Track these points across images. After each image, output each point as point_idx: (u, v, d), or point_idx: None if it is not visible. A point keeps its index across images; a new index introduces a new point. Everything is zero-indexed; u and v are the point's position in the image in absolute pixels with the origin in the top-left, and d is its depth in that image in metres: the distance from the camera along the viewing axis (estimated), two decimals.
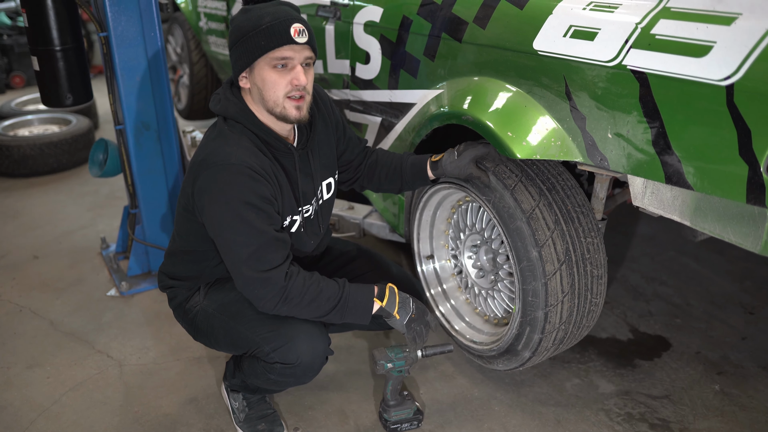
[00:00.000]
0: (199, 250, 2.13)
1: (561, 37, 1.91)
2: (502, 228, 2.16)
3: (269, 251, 1.88)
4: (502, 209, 2.14)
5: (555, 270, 2.09)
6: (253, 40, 1.88)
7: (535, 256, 2.08)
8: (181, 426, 2.35)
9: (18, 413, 2.42)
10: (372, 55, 2.74)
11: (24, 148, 4.62)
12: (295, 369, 2.01)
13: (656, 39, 1.67)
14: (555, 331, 2.18)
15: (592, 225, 2.17)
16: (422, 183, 2.33)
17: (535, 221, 2.08)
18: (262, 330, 2.02)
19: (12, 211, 4.19)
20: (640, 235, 3.69)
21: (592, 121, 1.87)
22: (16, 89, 7.27)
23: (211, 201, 1.89)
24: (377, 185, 2.40)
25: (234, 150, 1.90)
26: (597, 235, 2.18)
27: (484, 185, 2.17)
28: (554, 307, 2.12)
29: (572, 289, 2.13)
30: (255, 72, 1.92)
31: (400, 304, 2.08)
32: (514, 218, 2.11)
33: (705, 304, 3.04)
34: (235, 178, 1.86)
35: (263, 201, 1.89)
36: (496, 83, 2.15)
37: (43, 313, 3.05)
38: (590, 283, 2.17)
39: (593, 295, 2.20)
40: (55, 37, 2.87)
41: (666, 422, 2.33)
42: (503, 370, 2.43)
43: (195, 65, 5.09)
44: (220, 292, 2.16)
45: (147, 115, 2.99)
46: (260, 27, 1.87)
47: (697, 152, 1.63)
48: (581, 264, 2.13)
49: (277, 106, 1.93)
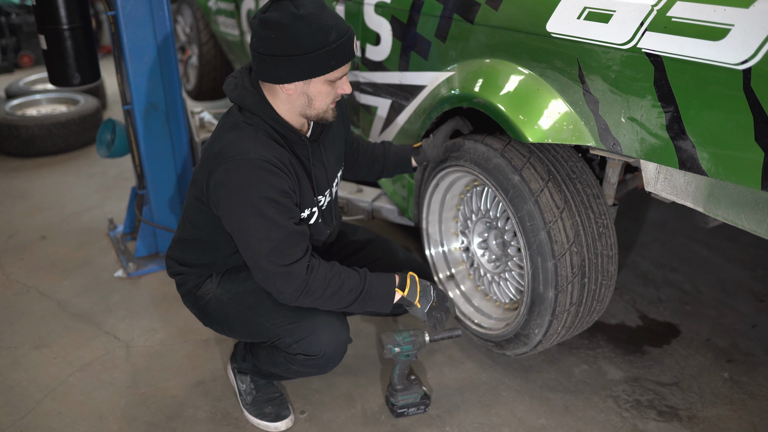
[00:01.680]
0: (212, 240, 2.11)
1: (575, 19, 1.88)
2: (510, 209, 2.14)
3: (290, 245, 1.86)
4: (511, 193, 2.12)
5: (564, 251, 2.07)
6: (322, 59, 1.81)
7: (544, 237, 2.06)
8: (188, 408, 2.35)
9: (25, 393, 2.42)
10: (382, 36, 2.71)
11: (32, 128, 4.62)
12: (318, 360, 2.00)
13: (672, 21, 1.64)
14: (565, 313, 2.16)
15: (602, 209, 2.15)
16: (403, 170, 2.42)
17: (544, 202, 2.07)
18: (282, 321, 2.01)
19: (20, 191, 4.19)
20: (650, 220, 3.67)
21: (606, 104, 1.84)
22: (24, 68, 7.26)
23: (229, 196, 1.86)
24: (355, 173, 2.44)
25: (252, 144, 1.86)
26: (608, 219, 2.16)
27: (459, 150, 2.26)
28: (565, 288, 2.10)
29: (582, 270, 2.11)
30: (312, 84, 1.87)
31: (421, 292, 2.08)
32: (524, 200, 2.10)
33: (715, 291, 3.02)
34: (254, 173, 1.83)
35: (282, 195, 1.86)
36: (508, 66, 2.12)
37: (50, 293, 3.06)
38: (601, 264, 2.15)
39: (604, 276, 2.19)
40: (63, 16, 2.85)
41: (674, 409, 2.32)
42: (512, 355, 2.41)
43: (204, 46, 5.07)
44: (234, 282, 2.13)
45: (155, 95, 2.98)
46: (328, 46, 1.80)
47: (711, 137, 1.61)
48: (592, 245, 2.11)
49: (322, 113, 1.93)
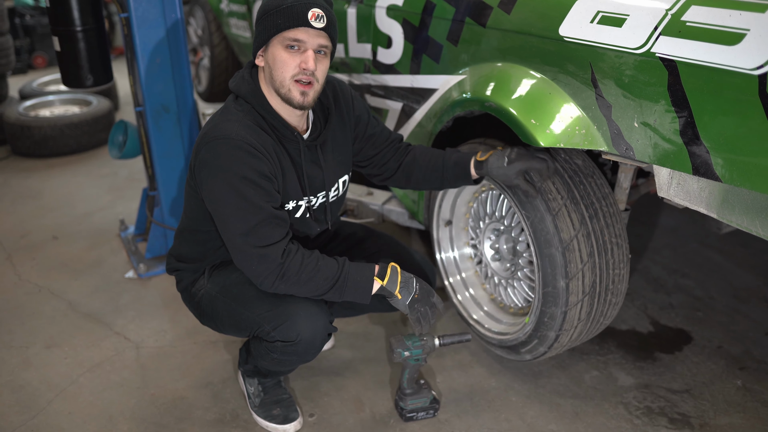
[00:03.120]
0: (203, 230, 2.13)
1: (588, 23, 1.87)
2: (522, 216, 2.13)
3: (266, 227, 1.87)
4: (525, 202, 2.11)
5: (578, 270, 2.06)
6: (271, 19, 1.90)
7: (557, 244, 2.05)
8: (197, 409, 2.35)
9: (36, 393, 2.43)
10: (394, 39, 2.70)
11: (45, 129, 4.65)
12: (296, 346, 2.00)
13: (687, 26, 1.63)
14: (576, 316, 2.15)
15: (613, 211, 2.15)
16: (464, 183, 2.27)
17: (561, 219, 2.06)
18: (261, 309, 2.02)
19: (32, 191, 4.21)
20: (662, 226, 3.64)
21: (618, 109, 1.83)
22: (38, 70, 7.31)
23: (210, 175, 1.90)
24: (416, 185, 2.34)
25: (234, 126, 1.91)
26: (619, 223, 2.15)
27: (529, 197, 2.11)
28: (575, 277, 2.09)
29: (591, 255, 2.10)
30: (269, 50, 1.94)
31: (402, 283, 2.03)
32: (536, 208, 2.09)
33: (728, 297, 2.99)
34: (233, 152, 1.87)
35: (261, 177, 1.89)
36: (520, 69, 2.12)
37: (61, 293, 3.07)
38: (613, 263, 2.15)
39: (615, 270, 2.18)
40: (77, 18, 2.86)
41: (686, 417, 2.30)
42: (521, 360, 2.40)
43: (216, 47, 5.09)
44: (222, 275, 2.16)
45: (167, 97, 2.99)
46: (281, 7, 1.88)
47: (726, 143, 1.59)
48: (603, 253, 2.11)
49: (282, 87, 1.93)
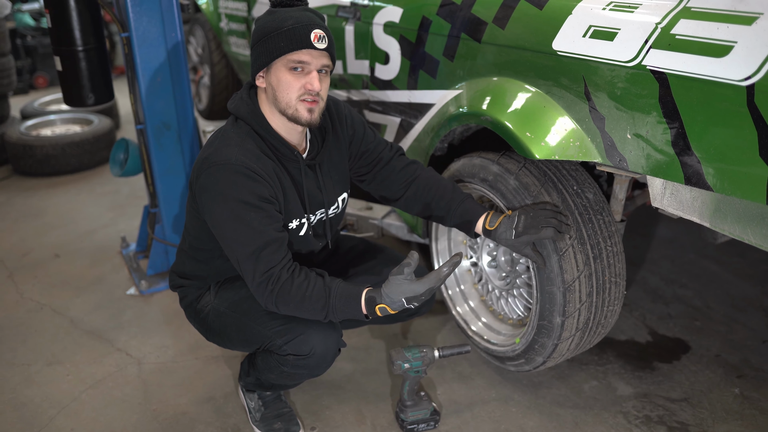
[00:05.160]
0: (206, 248, 2.15)
1: (580, 37, 1.90)
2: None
3: (267, 251, 1.88)
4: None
5: (575, 278, 2.09)
6: (273, 41, 1.90)
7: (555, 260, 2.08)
8: (199, 424, 2.36)
9: (38, 410, 2.44)
10: (391, 55, 2.74)
11: (46, 148, 4.68)
12: (308, 360, 2.01)
13: (676, 39, 1.66)
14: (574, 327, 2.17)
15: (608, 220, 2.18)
16: (462, 231, 2.24)
17: (566, 260, 2.08)
18: (274, 324, 2.03)
19: (35, 210, 4.24)
20: (659, 237, 3.67)
21: (612, 121, 1.86)
22: (39, 89, 7.36)
23: (211, 200, 1.91)
24: (419, 216, 2.33)
25: (235, 151, 1.91)
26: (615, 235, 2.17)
27: (539, 265, 2.11)
28: (572, 316, 2.12)
29: (590, 295, 2.12)
30: (272, 72, 1.94)
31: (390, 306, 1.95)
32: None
33: (725, 307, 3.01)
34: (233, 177, 1.88)
35: (261, 200, 1.90)
36: (515, 84, 2.15)
37: (63, 311, 3.09)
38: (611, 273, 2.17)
39: (609, 307, 2.20)
40: (78, 38, 2.90)
41: (685, 425, 2.31)
42: (519, 371, 2.42)
43: (216, 66, 5.12)
44: (231, 291, 2.17)
45: (167, 115, 3.01)
46: (282, 29, 1.89)
47: (716, 153, 1.62)
48: (600, 268, 2.13)
49: (289, 108, 1.94)
